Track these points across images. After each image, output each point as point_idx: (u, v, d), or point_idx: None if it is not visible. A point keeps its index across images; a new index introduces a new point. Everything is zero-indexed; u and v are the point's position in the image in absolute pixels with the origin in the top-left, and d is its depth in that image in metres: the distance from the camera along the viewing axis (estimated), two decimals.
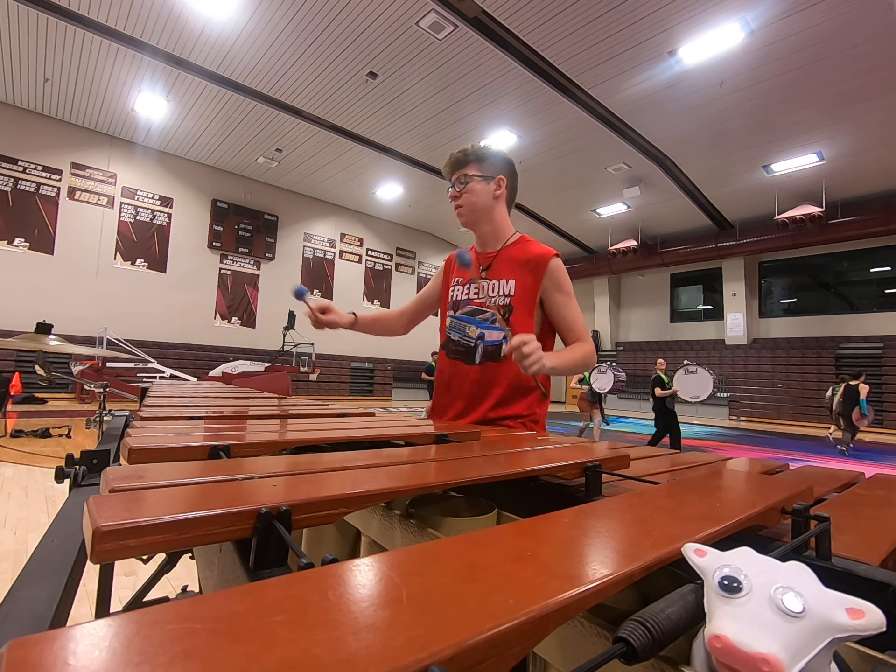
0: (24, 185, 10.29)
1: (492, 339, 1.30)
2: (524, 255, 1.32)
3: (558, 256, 1.32)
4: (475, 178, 1.31)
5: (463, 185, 1.32)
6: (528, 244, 1.35)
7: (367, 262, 15.86)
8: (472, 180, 1.31)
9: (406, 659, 0.17)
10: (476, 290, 1.35)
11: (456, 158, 1.33)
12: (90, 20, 7.42)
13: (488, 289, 1.33)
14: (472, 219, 1.35)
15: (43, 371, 2.24)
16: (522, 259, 1.31)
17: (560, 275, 1.29)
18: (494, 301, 1.31)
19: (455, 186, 1.33)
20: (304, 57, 8.01)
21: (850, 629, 0.23)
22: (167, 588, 1.95)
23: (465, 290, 1.39)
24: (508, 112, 9.27)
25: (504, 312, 1.29)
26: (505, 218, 1.38)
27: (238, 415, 0.98)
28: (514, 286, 1.29)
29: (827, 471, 0.86)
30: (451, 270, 1.47)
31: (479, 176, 1.31)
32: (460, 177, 1.32)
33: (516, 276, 1.30)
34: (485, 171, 1.32)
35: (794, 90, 7.95)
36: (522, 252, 1.33)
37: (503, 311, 1.29)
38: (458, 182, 1.33)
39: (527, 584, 0.25)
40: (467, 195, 1.32)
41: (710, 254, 13.99)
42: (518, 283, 1.29)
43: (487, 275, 1.34)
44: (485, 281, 1.34)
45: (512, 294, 1.29)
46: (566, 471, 0.59)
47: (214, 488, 0.40)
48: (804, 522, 0.43)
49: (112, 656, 0.16)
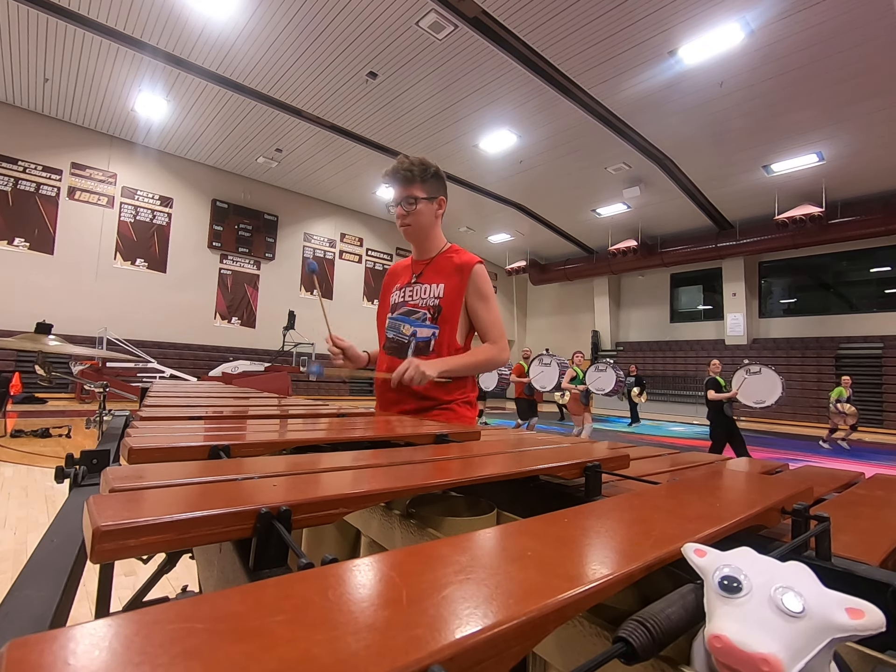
0: (24, 185, 10.29)
1: (423, 335, 1.45)
2: (452, 262, 1.48)
3: (481, 263, 1.47)
4: (422, 200, 1.44)
5: (412, 205, 1.44)
6: (457, 253, 1.50)
7: (367, 262, 15.86)
8: (420, 202, 1.44)
9: (406, 659, 0.17)
10: (411, 294, 1.51)
11: (404, 176, 1.42)
12: (90, 20, 7.42)
13: (420, 292, 1.49)
14: (417, 237, 1.51)
15: (43, 371, 2.24)
16: (451, 266, 1.47)
17: (480, 280, 1.44)
18: (426, 302, 1.46)
19: (402, 205, 1.45)
20: (304, 57, 8.01)
21: (850, 629, 0.23)
22: (167, 588, 1.95)
23: (402, 293, 1.54)
24: (508, 112, 9.27)
25: (434, 312, 1.44)
26: (439, 232, 1.55)
27: (238, 415, 0.98)
28: (443, 289, 1.45)
29: (827, 471, 0.86)
30: (393, 279, 1.64)
31: (425, 198, 1.44)
32: (408, 197, 1.43)
33: (445, 280, 1.46)
34: (429, 193, 1.45)
35: (794, 90, 7.95)
36: (451, 260, 1.48)
37: (433, 311, 1.44)
38: (406, 202, 1.44)
39: (527, 584, 0.25)
40: (414, 216, 1.45)
41: (710, 254, 13.99)
42: (447, 286, 1.45)
43: (420, 280, 1.51)
44: (418, 285, 1.50)
45: (441, 296, 1.44)
46: (566, 471, 0.59)
47: (214, 488, 0.40)
48: (804, 522, 0.43)
49: (112, 656, 0.16)
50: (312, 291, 14.41)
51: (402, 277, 1.59)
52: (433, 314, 1.44)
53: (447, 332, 1.43)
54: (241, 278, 13.34)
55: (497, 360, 1.44)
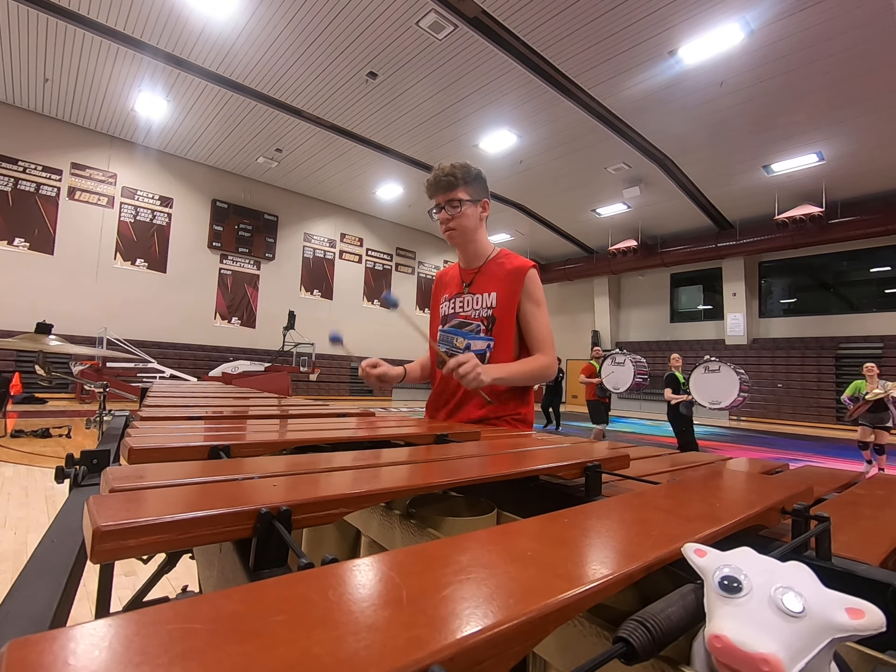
0: (24, 185, 10.29)
1: (477, 348, 1.38)
2: (504, 268, 1.41)
3: (535, 267, 1.41)
4: (466, 203, 1.37)
5: (456, 209, 1.37)
6: (508, 258, 1.44)
7: (367, 262, 15.86)
8: (465, 205, 1.37)
9: (406, 659, 0.17)
10: (461, 304, 1.45)
11: (447, 182, 1.36)
12: (90, 20, 7.42)
13: (472, 302, 1.42)
14: (462, 241, 1.44)
15: (43, 371, 2.24)
16: (503, 273, 1.40)
17: (534, 285, 1.38)
18: (478, 313, 1.40)
19: (446, 209, 1.38)
20: (304, 57, 8.01)
21: (850, 629, 0.23)
22: (167, 588, 1.95)
23: (451, 304, 1.48)
24: (508, 112, 9.27)
25: (488, 323, 1.38)
26: (485, 236, 1.48)
27: (238, 415, 0.98)
28: (496, 298, 1.38)
29: (827, 471, 0.86)
30: (440, 289, 1.58)
31: (469, 200, 1.38)
32: (452, 201, 1.37)
33: (498, 288, 1.39)
34: (473, 195, 1.39)
35: (794, 90, 7.95)
36: (503, 266, 1.42)
37: (487, 322, 1.38)
38: (451, 206, 1.37)
39: (527, 584, 0.25)
40: (459, 219, 1.38)
41: (710, 254, 13.99)
42: (500, 295, 1.38)
43: (471, 289, 1.44)
44: (469, 295, 1.44)
45: (494, 306, 1.38)
46: (566, 471, 0.59)
47: (214, 488, 0.40)
48: (804, 522, 0.43)
49: (112, 656, 0.16)
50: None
51: (449, 287, 1.52)
52: (487, 325, 1.38)
53: (503, 343, 1.36)
54: (241, 278, 13.34)
55: (547, 372, 1.36)
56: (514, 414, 1.39)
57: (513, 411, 1.39)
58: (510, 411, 1.38)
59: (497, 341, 1.36)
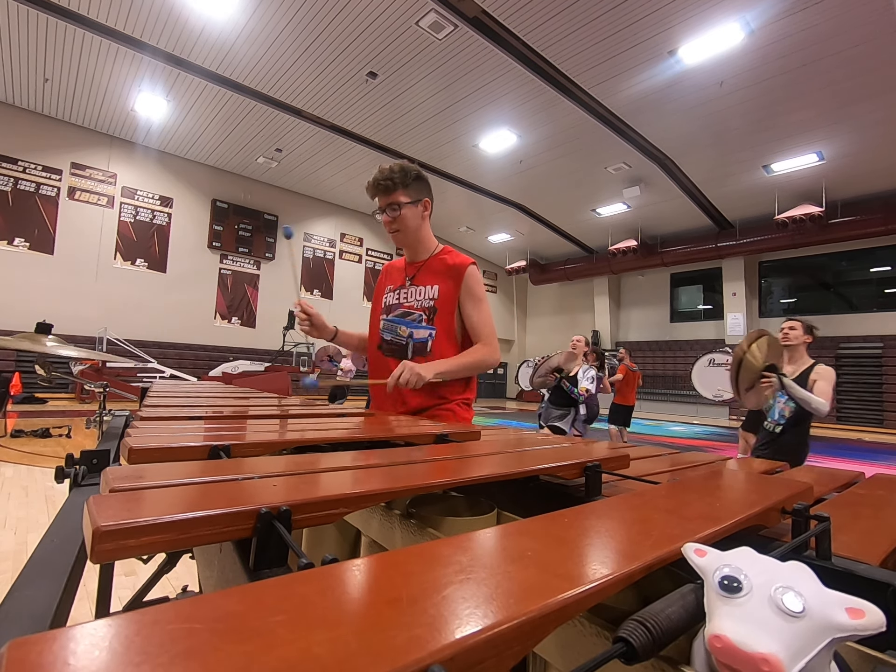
0: (24, 185, 10.29)
1: (419, 336, 1.46)
2: (446, 264, 1.49)
3: (474, 264, 1.49)
4: (406, 205, 1.45)
5: (396, 211, 1.44)
6: (450, 254, 1.52)
7: (367, 262, 15.86)
8: (404, 207, 1.44)
9: (406, 659, 0.17)
10: (405, 296, 1.52)
11: (384, 186, 1.44)
12: (90, 20, 7.42)
13: (416, 293, 1.50)
14: (406, 241, 1.52)
15: (43, 371, 2.24)
16: (444, 268, 1.48)
17: (472, 281, 1.46)
18: (421, 304, 1.48)
19: (387, 213, 1.46)
20: (304, 57, 8.01)
21: (850, 629, 0.23)
22: (167, 588, 1.95)
23: (395, 295, 1.55)
24: (508, 112, 9.27)
25: (429, 314, 1.46)
26: (429, 233, 1.55)
27: (238, 415, 0.98)
28: (437, 291, 1.46)
29: (827, 471, 0.87)
30: (385, 279, 1.64)
31: (409, 202, 1.45)
32: (392, 204, 1.44)
33: (439, 282, 1.47)
34: (412, 197, 1.46)
35: (794, 90, 7.95)
36: (444, 262, 1.50)
37: (428, 313, 1.46)
38: (391, 209, 1.45)
39: (527, 584, 0.25)
40: (401, 221, 1.46)
41: (710, 254, 13.98)
42: (441, 288, 1.46)
43: (414, 282, 1.52)
44: (412, 287, 1.52)
45: (435, 298, 1.46)
46: (566, 471, 0.59)
47: (214, 488, 0.40)
48: (804, 522, 0.43)
49: (112, 656, 0.16)
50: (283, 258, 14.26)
51: (394, 279, 1.59)
52: (429, 315, 1.45)
53: (444, 332, 1.44)
54: (241, 278, 13.34)
55: (489, 360, 1.45)
56: (464, 399, 1.48)
57: (460, 395, 1.47)
58: (457, 395, 1.46)
59: (438, 330, 1.44)
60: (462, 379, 1.48)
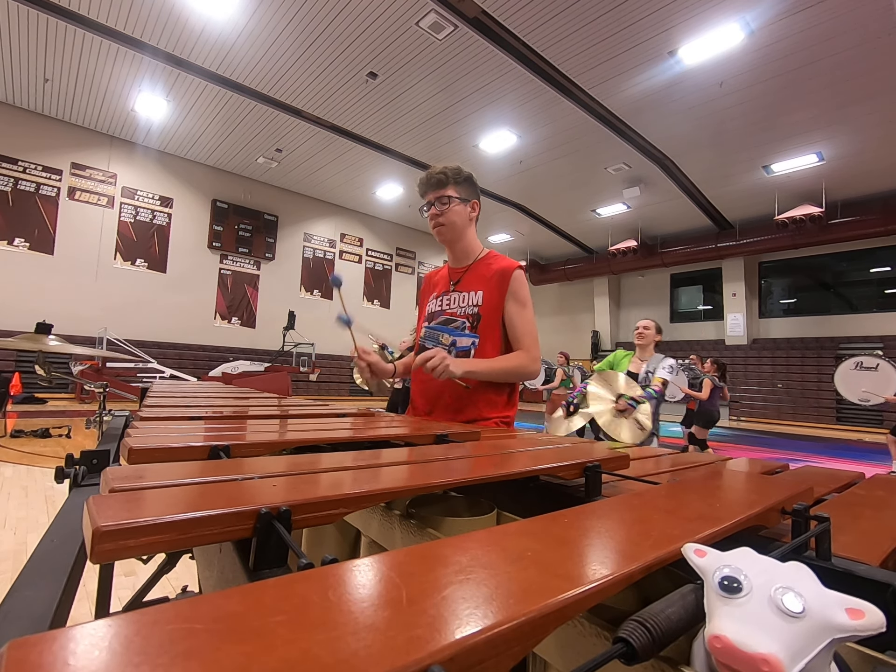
0: (24, 185, 10.29)
1: (462, 344, 1.40)
2: (491, 268, 1.43)
3: (521, 268, 1.43)
4: (455, 200, 1.41)
5: (445, 205, 1.41)
6: (496, 259, 1.47)
7: (367, 263, 15.86)
8: (453, 202, 1.41)
9: (406, 659, 0.17)
10: (448, 302, 1.47)
11: (437, 179, 1.41)
12: (90, 20, 7.42)
13: (459, 300, 1.45)
14: (451, 237, 1.46)
15: (43, 371, 2.24)
16: (489, 273, 1.42)
17: (518, 285, 1.40)
18: (464, 311, 1.42)
19: (436, 205, 1.42)
20: (304, 57, 8.01)
21: (850, 629, 0.23)
22: (167, 588, 1.95)
23: (438, 302, 1.50)
24: (508, 112, 9.27)
25: (473, 320, 1.40)
26: (475, 237, 1.51)
27: (238, 415, 0.98)
28: (481, 297, 1.40)
29: (827, 471, 0.86)
30: (429, 288, 1.60)
31: (458, 198, 1.42)
32: (441, 197, 1.41)
33: (484, 287, 1.41)
34: (462, 195, 1.43)
35: (794, 90, 7.95)
36: (490, 266, 1.44)
37: (472, 320, 1.40)
38: (440, 202, 1.41)
39: (527, 585, 0.25)
40: (448, 215, 1.42)
41: (710, 254, 13.98)
42: (485, 294, 1.40)
43: (458, 287, 1.47)
44: (455, 293, 1.46)
45: (480, 304, 1.40)
46: (566, 471, 0.59)
47: (214, 488, 0.40)
48: (804, 523, 0.42)
49: (112, 656, 0.16)
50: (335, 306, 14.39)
51: (438, 286, 1.54)
52: (472, 322, 1.39)
53: (488, 340, 1.37)
54: (241, 278, 13.34)
55: (528, 368, 1.36)
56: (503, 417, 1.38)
57: (499, 413, 1.38)
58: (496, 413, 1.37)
59: (482, 338, 1.38)
60: (503, 393, 1.39)
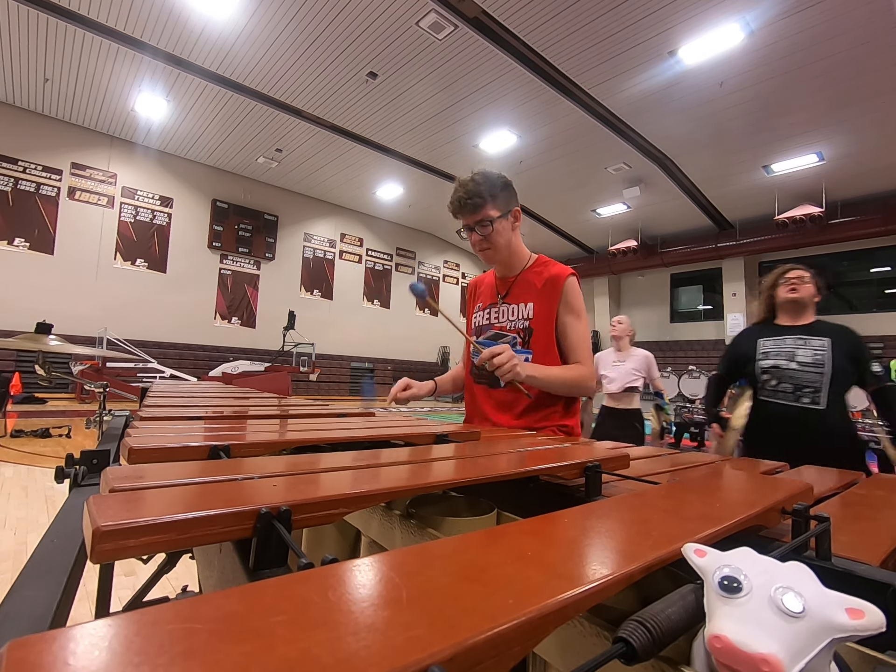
0: (24, 185, 10.29)
1: None
2: (542, 277, 1.32)
3: (574, 275, 1.32)
4: (497, 220, 1.29)
5: (487, 228, 1.28)
6: (546, 266, 1.35)
7: (367, 262, 15.86)
8: (496, 222, 1.29)
9: (406, 659, 0.17)
10: (496, 315, 1.37)
11: (473, 204, 1.26)
12: (90, 20, 7.42)
13: (508, 313, 1.35)
14: (498, 258, 1.36)
15: (43, 371, 2.24)
16: (540, 282, 1.32)
17: (572, 295, 1.30)
18: (514, 325, 1.32)
19: (477, 230, 1.30)
20: (304, 57, 8.01)
21: (850, 629, 0.23)
22: (167, 588, 1.95)
23: (486, 315, 1.40)
24: (508, 112, 9.27)
25: (524, 335, 1.30)
26: (521, 244, 1.39)
27: (238, 415, 0.98)
28: (532, 309, 1.31)
29: (827, 471, 0.86)
30: (473, 297, 1.50)
31: (500, 216, 1.29)
32: (482, 221, 1.28)
33: (535, 299, 1.31)
34: (502, 209, 1.30)
35: (794, 90, 7.95)
36: (540, 275, 1.33)
37: (523, 334, 1.30)
38: (480, 226, 1.29)
39: (527, 584, 0.25)
40: (492, 238, 1.30)
41: (710, 254, 13.99)
42: (537, 305, 1.30)
43: (507, 300, 1.36)
44: (504, 305, 1.36)
45: (531, 317, 1.30)
46: (566, 471, 0.59)
47: (214, 488, 0.40)
48: (804, 523, 0.42)
49: (112, 656, 0.16)
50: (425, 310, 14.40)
51: (483, 296, 1.44)
52: (524, 337, 1.30)
53: (542, 355, 1.28)
54: (241, 278, 13.34)
55: (588, 382, 1.27)
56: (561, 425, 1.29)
57: (558, 422, 1.29)
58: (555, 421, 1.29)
59: (535, 354, 1.27)
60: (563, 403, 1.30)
